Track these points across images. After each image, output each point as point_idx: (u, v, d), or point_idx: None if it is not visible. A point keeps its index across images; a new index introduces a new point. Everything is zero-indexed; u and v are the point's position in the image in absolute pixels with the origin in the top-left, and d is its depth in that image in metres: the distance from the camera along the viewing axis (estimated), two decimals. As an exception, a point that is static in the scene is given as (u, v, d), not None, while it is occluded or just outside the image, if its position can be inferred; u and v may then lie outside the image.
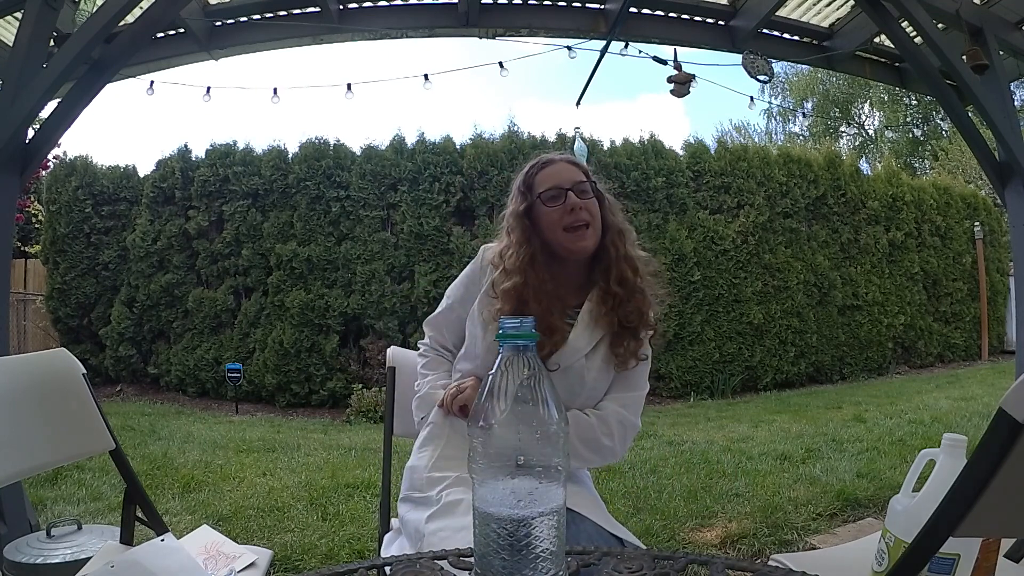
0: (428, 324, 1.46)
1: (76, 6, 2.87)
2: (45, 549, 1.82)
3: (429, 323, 1.46)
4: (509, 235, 1.32)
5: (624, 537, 1.13)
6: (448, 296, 1.43)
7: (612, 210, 1.34)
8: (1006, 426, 0.60)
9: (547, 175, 1.30)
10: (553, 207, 1.27)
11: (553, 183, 1.28)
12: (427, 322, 1.46)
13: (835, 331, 7.24)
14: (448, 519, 1.08)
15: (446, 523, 1.08)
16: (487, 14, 3.56)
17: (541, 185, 1.30)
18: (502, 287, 1.27)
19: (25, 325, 7.83)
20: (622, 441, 1.28)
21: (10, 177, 2.26)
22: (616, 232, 1.32)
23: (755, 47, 3.70)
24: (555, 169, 1.32)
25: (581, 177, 1.30)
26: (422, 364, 1.43)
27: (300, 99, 6.21)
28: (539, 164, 1.34)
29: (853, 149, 21.31)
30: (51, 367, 1.32)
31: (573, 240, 1.26)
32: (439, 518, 1.10)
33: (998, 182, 3.19)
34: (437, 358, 1.42)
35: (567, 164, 1.33)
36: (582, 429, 1.24)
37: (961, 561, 0.88)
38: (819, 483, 3.12)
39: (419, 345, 1.47)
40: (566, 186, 1.27)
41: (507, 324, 0.67)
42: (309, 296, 6.10)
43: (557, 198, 1.27)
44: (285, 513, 2.85)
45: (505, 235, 1.34)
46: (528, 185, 1.32)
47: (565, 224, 1.26)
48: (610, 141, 6.80)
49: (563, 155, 1.36)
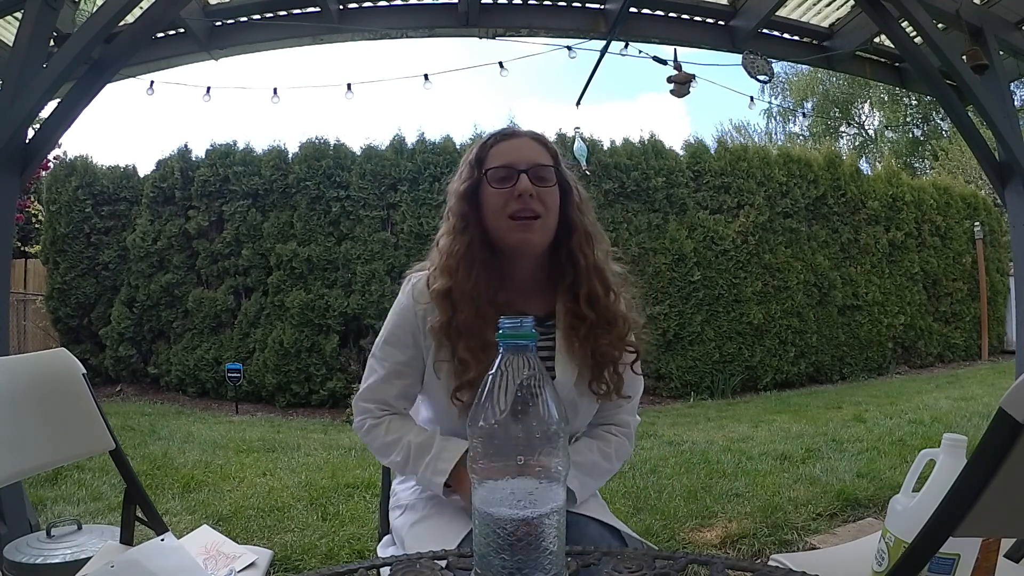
0: (368, 396, 1.13)
1: (76, 6, 2.86)
2: (45, 549, 1.82)
3: (371, 393, 1.13)
4: (448, 218, 1.12)
5: (627, 533, 1.10)
6: (380, 358, 1.13)
7: (580, 208, 1.12)
8: (1006, 426, 0.60)
9: (503, 150, 1.09)
10: (499, 189, 1.06)
11: (506, 160, 1.07)
12: (367, 392, 1.13)
13: (835, 331, 7.24)
14: (427, 522, 1.07)
15: (425, 525, 1.07)
16: (487, 14, 3.56)
17: (493, 160, 1.08)
18: (432, 288, 1.08)
19: (25, 325, 7.83)
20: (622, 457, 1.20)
21: (10, 177, 2.26)
22: (583, 235, 1.10)
23: (755, 47, 3.70)
24: (514, 144, 1.09)
25: (545, 160, 1.09)
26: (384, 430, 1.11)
27: (300, 99, 6.21)
28: (497, 136, 1.12)
29: (853, 149, 21.31)
30: (51, 367, 1.32)
31: (515, 231, 1.05)
32: (420, 523, 1.08)
33: (998, 182, 3.19)
34: (396, 418, 1.13)
35: (531, 141, 1.11)
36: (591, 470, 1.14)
37: (961, 561, 0.88)
38: (819, 483, 3.12)
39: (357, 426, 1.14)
40: (521, 166, 1.05)
41: (506, 324, 0.67)
42: (309, 296, 6.10)
43: (507, 179, 1.05)
44: (285, 513, 2.85)
45: (444, 220, 1.13)
46: (479, 159, 1.10)
47: (510, 211, 1.05)
48: (610, 141, 6.80)
49: (530, 130, 1.14)
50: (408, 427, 1.12)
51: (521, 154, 1.07)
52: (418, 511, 1.11)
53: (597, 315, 1.08)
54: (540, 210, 1.05)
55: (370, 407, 1.14)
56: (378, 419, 1.13)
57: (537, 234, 1.06)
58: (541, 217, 1.05)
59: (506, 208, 1.05)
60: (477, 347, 1.03)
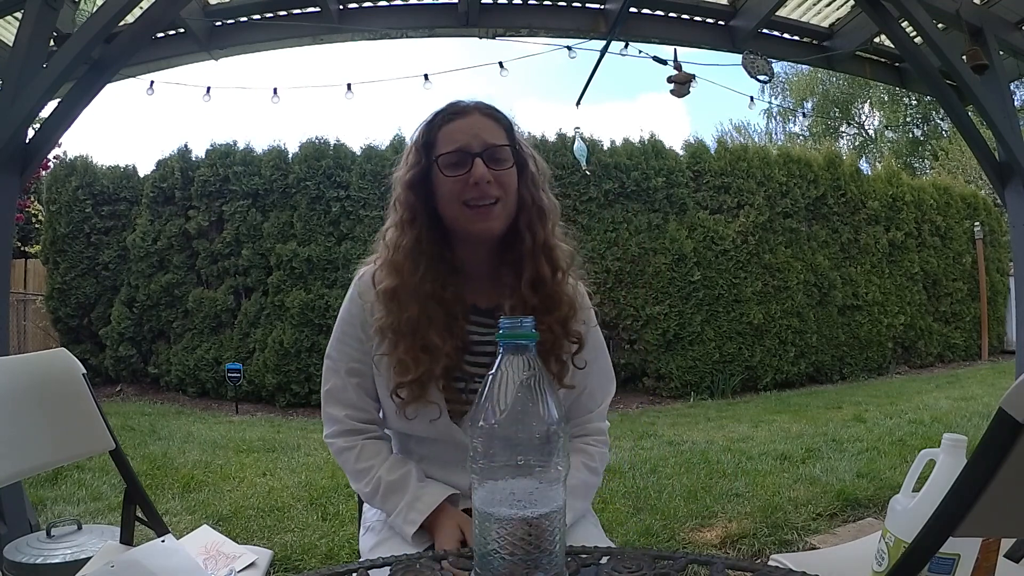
0: (332, 400, 1.09)
1: (76, 6, 2.87)
2: (45, 549, 1.82)
3: (333, 398, 1.09)
4: (396, 209, 1.04)
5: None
6: (336, 358, 1.08)
7: (534, 182, 1.03)
8: (1006, 426, 0.60)
9: (453, 131, 1.00)
10: (452, 176, 0.98)
11: (458, 143, 0.99)
12: (328, 397, 1.10)
13: (835, 331, 7.24)
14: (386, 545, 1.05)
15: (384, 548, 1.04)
16: (487, 14, 3.56)
17: (443, 144, 1.00)
18: (379, 287, 1.03)
19: (25, 325, 7.83)
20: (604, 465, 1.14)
21: (10, 177, 2.26)
22: (535, 212, 1.02)
23: (755, 47, 3.70)
24: (464, 124, 1.00)
25: (499, 138, 1.01)
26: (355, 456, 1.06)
27: (300, 99, 6.22)
28: (445, 114, 1.02)
29: (853, 149, 21.33)
30: (51, 367, 1.32)
31: (473, 219, 0.99)
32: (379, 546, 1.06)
33: (998, 182, 3.19)
34: (368, 445, 1.08)
35: (482, 117, 1.02)
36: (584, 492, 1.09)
37: (961, 561, 0.88)
38: (819, 483, 3.12)
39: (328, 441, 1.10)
40: (475, 149, 0.98)
41: (506, 324, 0.67)
42: (309, 296, 6.10)
43: (460, 164, 0.98)
44: (285, 513, 2.85)
45: (391, 210, 1.06)
46: (428, 143, 1.02)
47: (466, 198, 0.98)
48: (610, 141, 6.80)
49: (479, 103, 1.04)
50: (382, 457, 1.07)
51: (473, 134, 0.99)
52: (377, 533, 1.10)
53: (540, 299, 1.02)
54: (499, 194, 0.99)
55: (338, 415, 1.08)
56: (350, 441, 1.08)
57: (497, 221, 1.00)
58: (500, 201, 0.99)
59: (461, 195, 0.98)
60: (418, 348, 0.99)
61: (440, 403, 1.03)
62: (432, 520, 1.00)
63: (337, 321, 1.10)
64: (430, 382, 1.01)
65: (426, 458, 1.10)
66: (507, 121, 1.04)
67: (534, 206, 1.03)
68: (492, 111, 1.04)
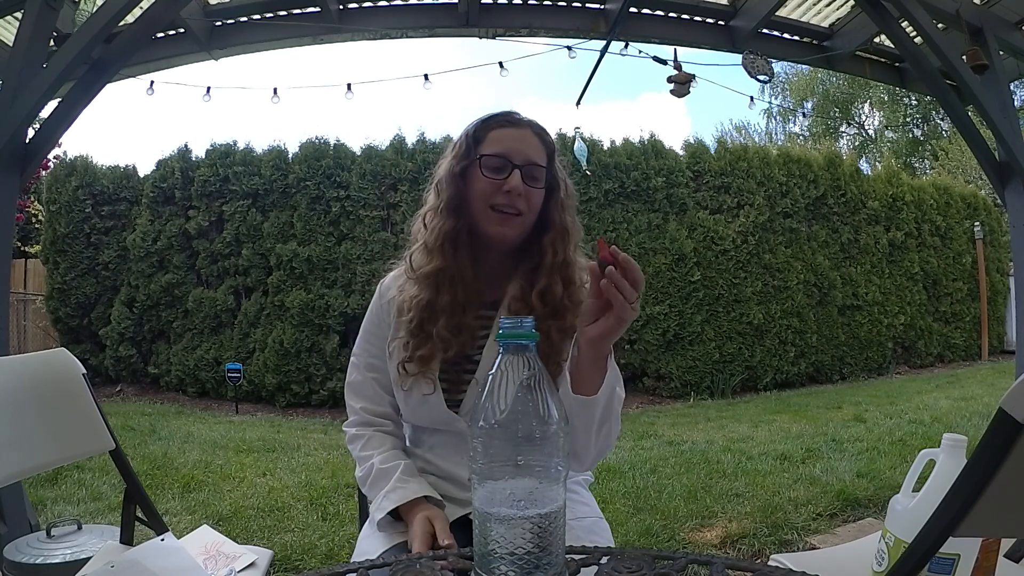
0: (351, 392, 1.18)
1: (76, 6, 2.86)
2: (45, 549, 1.82)
3: (352, 390, 1.18)
4: (438, 194, 1.09)
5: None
6: (358, 354, 1.17)
7: (563, 205, 1.10)
8: (1006, 426, 0.60)
9: (503, 137, 1.06)
10: (490, 178, 1.04)
11: (503, 149, 1.04)
12: (349, 389, 1.18)
13: (835, 331, 7.24)
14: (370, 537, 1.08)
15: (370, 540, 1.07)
16: (487, 14, 3.56)
17: (490, 145, 1.06)
18: (419, 271, 1.08)
19: (25, 325, 7.83)
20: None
21: (10, 177, 2.26)
22: (559, 232, 1.09)
23: (755, 47, 3.70)
24: (516, 135, 1.07)
25: (540, 159, 1.07)
26: (361, 444, 1.14)
27: (300, 99, 6.20)
28: (501, 119, 1.08)
29: (853, 149, 21.32)
30: (51, 367, 1.32)
31: (493, 223, 1.05)
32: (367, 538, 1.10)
33: (998, 182, 3.19)
34: (376, 436, 1.14)
35: (532, 134, 1.08)
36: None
37: (961, 561, 0.88)
38: (819, 483, 3.12)
39: (345, 428, 1.18)
40: (516, 160, 1.04)
41: (506, 324, 0.67)
42: (309, 296, 6.10)
43: (500, 170, 1.03)
44: (285, 513, 2.85)
45: (433, 194, 1.11)
46: (477, 139, 1.07)
47: (494, 202, 1.04)
48: (610, 141, 6.80)
49: (533, 121, 1.10)
50: (383, 448, 1.12)
51: (519, 147, 1.05)
52: (372, 524, 1.12)
53: (546, 309, 1.05)
54: (523, 208, 1.04)
55: (355, 406, 1.17)
56: (362, 431, 1.15)
57: (514, 231, 1.06)
58: (522, 215, 1.05)
59: (491, 198, 1.04)
60: (454, 327, 1.05)
61: (435, 380, 1.07)
62: (406, 514, 1.04)
63: (362, 323, 1.19)
64: (434, 358, 1.06)
65: (435, 447, 1.14)
66: (552, 146, 1.10)
67: (560, 227, 1.09)
68: (542, 132, 1.10)
